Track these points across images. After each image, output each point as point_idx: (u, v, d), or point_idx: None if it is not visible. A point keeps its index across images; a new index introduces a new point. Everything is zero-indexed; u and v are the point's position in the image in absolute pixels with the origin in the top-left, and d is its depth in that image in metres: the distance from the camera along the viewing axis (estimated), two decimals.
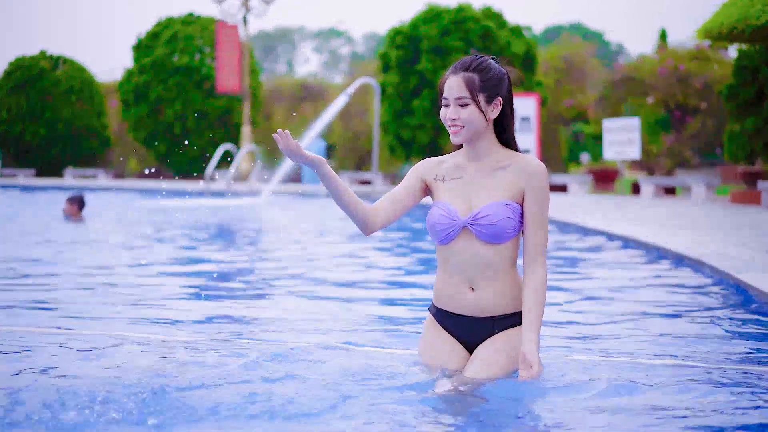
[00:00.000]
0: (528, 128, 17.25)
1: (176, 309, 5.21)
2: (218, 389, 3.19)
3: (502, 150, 3.50)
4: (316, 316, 4.92)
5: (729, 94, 16.61)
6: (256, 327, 4.64)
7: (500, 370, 3.36)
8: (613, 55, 57.07)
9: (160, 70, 28.36)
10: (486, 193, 3.43)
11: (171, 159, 28.83)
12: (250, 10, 26.39)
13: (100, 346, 3.97)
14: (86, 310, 5.03)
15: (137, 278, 6.57)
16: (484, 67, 3.39)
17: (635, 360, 3.78)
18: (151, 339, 4.16)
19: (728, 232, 9.59)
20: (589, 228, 10.57)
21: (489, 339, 3.45)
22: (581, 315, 5.05)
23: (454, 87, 3.37)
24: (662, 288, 6.19)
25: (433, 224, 3.45)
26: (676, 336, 4.39)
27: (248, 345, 4.02)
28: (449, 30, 23.96)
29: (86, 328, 4.49)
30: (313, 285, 6.32)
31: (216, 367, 3.54)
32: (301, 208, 16.38)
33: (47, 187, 23.08)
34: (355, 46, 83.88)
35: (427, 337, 3.59)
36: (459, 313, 3.50)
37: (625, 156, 19.66)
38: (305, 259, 8.03)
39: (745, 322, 4.84)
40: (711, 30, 15.10)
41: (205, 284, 6.39)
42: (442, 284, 3.52)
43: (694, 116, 24.46)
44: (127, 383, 3.22)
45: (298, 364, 3.60)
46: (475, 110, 3.36)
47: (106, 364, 3.62)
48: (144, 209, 15.40)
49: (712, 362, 3.76)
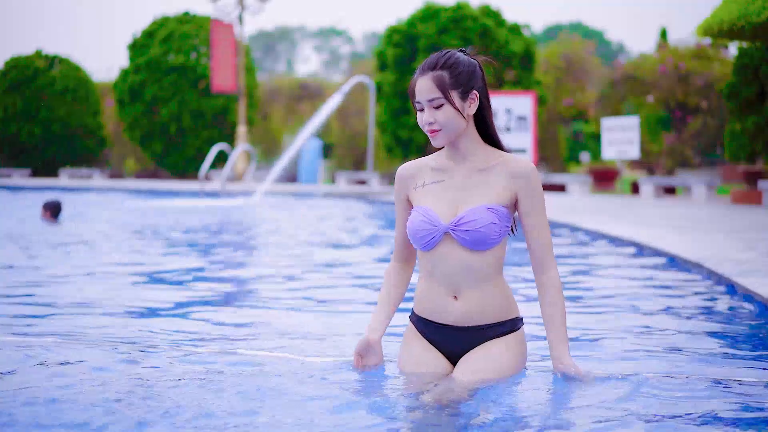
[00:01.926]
0: (524, 127, 17.03)
1: (150, 317, 4.99)
2: (200, 400, 3.06)
3: (487, 149, 3.31)
4: (299, 324, 4.70)
5: (730, 92, 16.47)
6: (236, 335, 4.41)
7: (493, 375, 3.21)
8: (614, 55, 56.98)
9: (155, 69, 28.23)
10: (470, 197, 3.25)
11: (166, 159, 28.72)
12: (245, 9, 26.19)
13: (66, 355, 3.75)
14: (49, 318, 4.81)
15: (107, 283, 6.35)
16: (453, 62, 3.19)
17: (623, 373, 3.55)
18: (118, 346, 3.94)
19: (728, 233, 9.40)
20: (584, 229, 10.38)
21: (479, 346, 3.29)
22: (573, 321, 4.83)
23: (424, 89, 3.19)
24: (658, 293, 5.98)
25: (414, 231, 3.28)
26: (671, 347, 4.17)
27: (224, 356, 3.80)
28: (447, 28, 23.83)
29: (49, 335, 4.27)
30: (297, 291, 6.08)
31: (189, 377, 3.36)
32: (294, 209, 16.17)
33: (24, 188, 22.92)
34: (355, 45, 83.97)
35: (406, 347, 3.42)
36: (441, 322, 3.32)
37: (624, 155, 19.50)
38: (288, 264, 7.80)
39: (745, 329, 4.64)
40: (711, 27, 14.95)
41: (185, 291, 6.15)
42: (424, 292, 3.35)
43: (694, 115, 24.31)
44: (90, 394, 3.09)
45: (278, 376, 3.41)
46: (450, 110, 3.17)
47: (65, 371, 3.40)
48: (136, 210, 15.21)
49: (708, 373, 3.56)
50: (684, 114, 24.41)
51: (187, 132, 28.24)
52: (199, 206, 16.12)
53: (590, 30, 64.91)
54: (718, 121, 23.48)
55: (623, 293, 5.96)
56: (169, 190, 21.92)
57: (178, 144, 28.42)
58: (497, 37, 23.78)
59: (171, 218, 13.19)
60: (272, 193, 19.54)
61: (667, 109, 24.67)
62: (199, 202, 17.24)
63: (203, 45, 28.44)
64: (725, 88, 16.75)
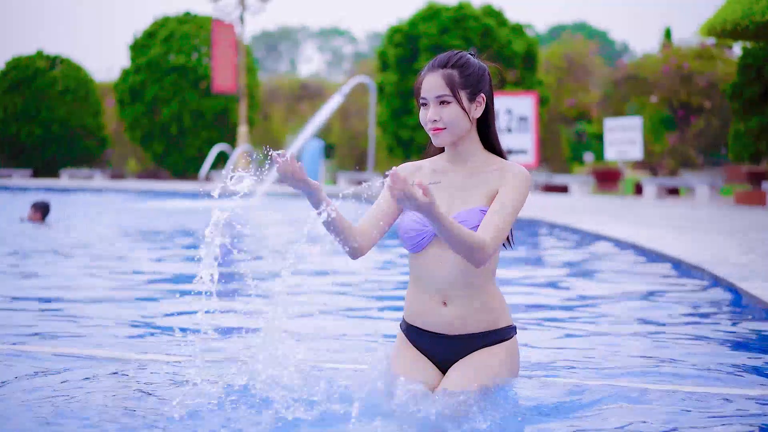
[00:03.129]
0: (526, 128, 16.91)
1: (142, 321, 4.87)
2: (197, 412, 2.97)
3: (487, 154, 3.21)
4: (296, 330, 4.55)
5: (733, 92, 16.39)
6: (227, 343, 4.28)
7: (483, 384, 3.09)
8: (617, 55, 56.83)
9: (155, 69, 28.14)
10: (462, 199, 3.15)
11: (167, 159, 28.63)
12: (246, 9, 26.07)
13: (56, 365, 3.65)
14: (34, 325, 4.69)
15: (100, 287, 6.23)
16: (464, 62, 3.11)
17: (616, 383, 3.43)
18: (103, 356, 3.83)
19: (731, 235, 9.27)
20: (583, 231, 10.25)
21: (467, 356, 3.17)
22: (569, 327, 4.71)
23: (432, 85, 3.08)
24: (659, 297, 5.85)
25: (403, 230, 3.19)
26: (670, 358, 4.04)
27: (220, 364, 3.68)
28: (448, 28, 23.73)
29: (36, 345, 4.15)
30: (294, 297, 5.94)
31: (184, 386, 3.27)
32: (292, 211, 16.05)
33: (27, 189, 22.83)
34: (358, 46, 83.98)
35: (397, 357, 3.30)
36: (431, 330, 3.21)
37: (626, 156, 19.38)
38: (283, 268, 7.65)
39: (748, 336, 4.51)
40: (715, 27, 14.88)
41: (178, 295, 6.03)
42: (413, 298, 3.24)
43: (698, 115, 24.19)
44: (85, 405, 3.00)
45: (272, 385, 3.24)
46: (457, 109, 3.07)
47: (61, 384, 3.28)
48: (133, 212, 15.11)
49: (709, 385, 3.44)
50: (687, 114, 24.29)
51: (188, 132, 28.15)
52: (198, 207, 16.00)
53: (594, 30, 64.78)
54: (722, 121, 23.36)
55: (619, 298, 5.84)
56: (168, 191, 21.82)
57: (178, 144, 28.33)
58: (499, 37, 23.68)
59: (168, 220, 13.09)
60: (272, 195, 19.41)
61: (671, 110, 24.55)
62: (197, 204, 17.12)
63: (204, 45, 28.33)
64: (729, 88, 16.68)
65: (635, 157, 19.30)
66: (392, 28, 24.74)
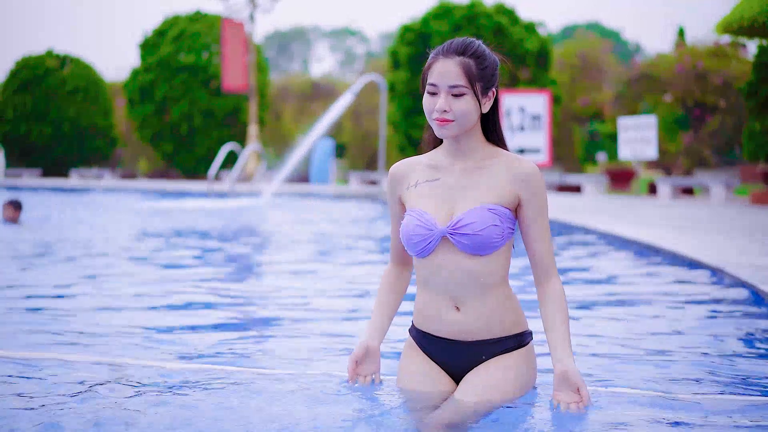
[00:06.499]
0: (539, 126, 16.73)
1: (147, 324, 4.71)
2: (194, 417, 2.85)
3: (488, 146, 3.02)
4: (303, 335, 4.44)
5: (749, 91, 16.18)
6: (231, 350, 4.12)
7: (499, 395, 2.92)
8: (631, 54, 56.57)
9: (166, 68, 28.10)
10: (468, 197, 2.95)
11: (177, 158, 28.57)
12: (257, 7, 25.98)
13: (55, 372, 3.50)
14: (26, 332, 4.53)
15: (99, 290, 6.08)
16: (481, 53, 2.90)
17: (624, 390, 3.25)
18: (101, 360, 3.68)
19: (750, 235, 9.08)
20: (595, 230, 10.07)
21: (483, 364, 2.99)
22: (581, 330, 4.52)
23: (448, 73, 2.86)
24: (674, 300, 5.66)
25: (408, 236, 2.98)
26: (683, 362, 3.85)
27: (221, 371, 3.52)
28: (461, 26, 23.61)
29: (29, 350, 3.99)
30: (299, 299, 5.79)
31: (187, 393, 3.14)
32: (302, 210, 15.92)
33: (38, 189, 22.77)
34: (370, 45, 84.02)
35: (406, 364, 3.13)
36: (442, 336, 3.03)
37: (641, 155, 19.18)
38: (291, 271, 7.52)
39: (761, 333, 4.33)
40: (731, 24, 14.70)
41: (184, 297, 5.87)
42: (423, 303, 3.06)
43: (712, 114, 23.97)
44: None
45: (275, 392, 3.14)
46: (471, 101, 2.87)
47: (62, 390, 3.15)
48: (141, 212, 14.99)
49: (726, 393, 3.25)
50: (702, 113, 24.07)
51: (198, 132, 28.10)
52: (206, 207, 15.87)
53: (607, 30, 64.53)
54: (737, 120, 23.15)
55: (634, 300, 5.66)
56: (178, 191, 21.73)
57: (188, 144, 28.28)
58: (511, 35, 23.54)
59: (177, 220, 12.96)
60: (281, 194, 19.30)
61: (685, 109, 24.33)
62: (207, 204, 17.00)
63: (214, 44, 28.29)
64: (744, 87, 16.48)
65: (650, 156, 19.11)
66: (404, 26, 24.62)
